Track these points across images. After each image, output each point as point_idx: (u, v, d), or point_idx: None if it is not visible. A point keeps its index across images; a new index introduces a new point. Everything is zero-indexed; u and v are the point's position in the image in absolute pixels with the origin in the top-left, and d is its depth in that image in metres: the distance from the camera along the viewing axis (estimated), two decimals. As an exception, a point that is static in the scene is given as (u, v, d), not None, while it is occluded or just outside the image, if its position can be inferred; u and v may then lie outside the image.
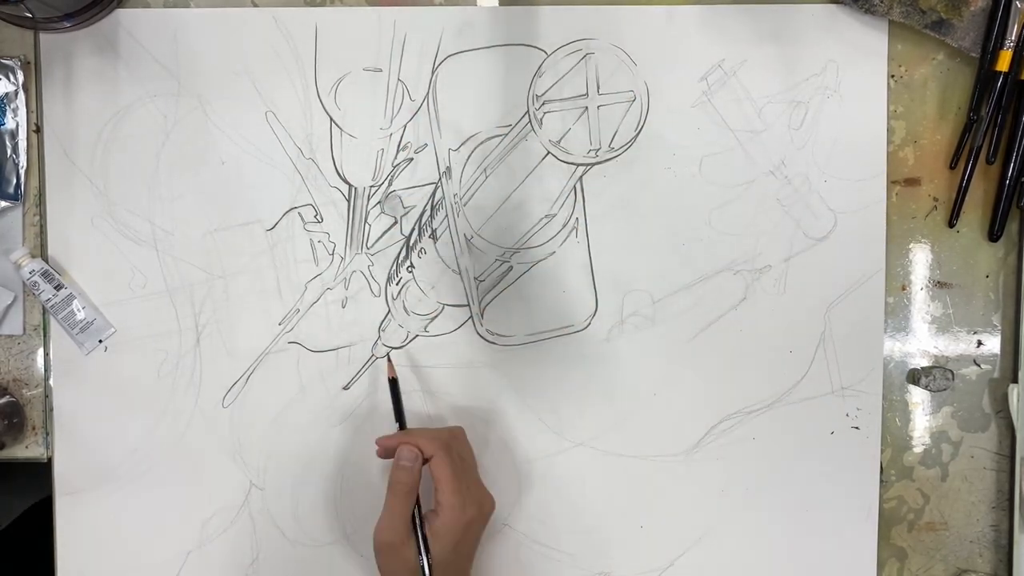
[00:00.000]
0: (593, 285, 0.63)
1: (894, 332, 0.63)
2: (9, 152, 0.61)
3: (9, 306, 0.62)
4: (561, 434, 0.63)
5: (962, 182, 0.62)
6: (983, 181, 0.62)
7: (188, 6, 0.62)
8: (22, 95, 0.61)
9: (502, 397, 0.63)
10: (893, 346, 0.63)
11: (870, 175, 0.62)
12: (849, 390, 0.63)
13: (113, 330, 0.62)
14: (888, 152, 0.62)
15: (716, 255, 0.62)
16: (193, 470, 0.63)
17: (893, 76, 0.62)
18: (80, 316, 0.61)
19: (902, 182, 0.63)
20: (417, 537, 0.54)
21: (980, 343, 0.63)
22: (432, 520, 0.54)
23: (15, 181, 0.61)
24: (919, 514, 0.64)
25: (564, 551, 0.63)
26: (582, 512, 0.63)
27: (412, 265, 0.63)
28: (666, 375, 0.63)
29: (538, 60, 0.62)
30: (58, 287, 0.61)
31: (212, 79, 0.62)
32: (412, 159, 0.62)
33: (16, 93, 0.61)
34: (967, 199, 0.62)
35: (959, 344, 0.63)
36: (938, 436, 0.64)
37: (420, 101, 0.62)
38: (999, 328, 0.63)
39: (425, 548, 0.54)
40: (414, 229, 0.63)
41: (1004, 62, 0.59)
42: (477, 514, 0.54)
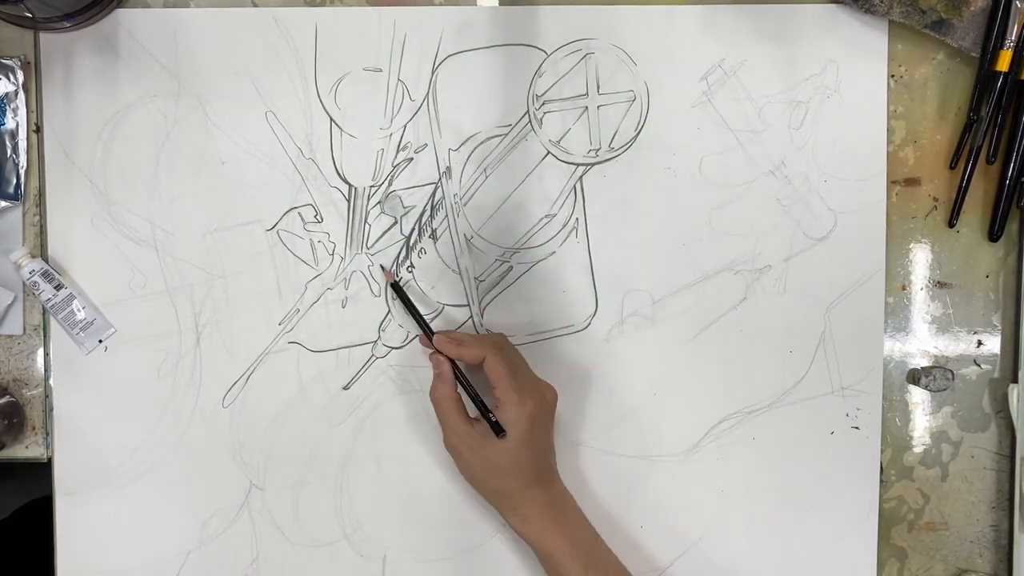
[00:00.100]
0: (593, 285, 0.63)
1: (894, 332, 0.63)
2: (9, 152, 0.61)
3: (9, 306, 0.62)
4: (561, 434, 0.63)
5: (962, 182, 0.62)
6: (983, 181, 0.62)
7: (188, 6, 0.62)
8: (22, 95, 0.61)
9: (502, 397, 0.63)
10: (893, 346, 0.63)
11: (870, 175, 0.62)
12: (849, 390, 0.62)
13: (113, 330, 0.62)
14: (888, 152, 0.62)
15: (716, 255, 0.62)
16: (193, 470, 0.63)
17: (893, 76, 0.62)
18: (80, 316, 0.61)
19: (902, 182, 0.63)
20: (480, 413, 0.56)
21: (980, 343, 0.63)
22: (499, 411, 0.55)
23: (15, 181, 0.61)
24: (919, 514, 0.64)
25: (564, 551, 0.63)
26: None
27: (412, 265, 0.63)
28: (666, 375, 0.63)
29: (538, 60, 0.62)
30: (58, 287, 0.61)
31: (212, 79, 0.62)
32: (412, 159, 0.62)
33: (16, 93, 0.61)
34: (967, 199, 0.62)
35: (959, 344, 0.63)
36: (938, 436, 0.64)
37: (420, 101, 0.62)
38: (999, 328, 0.63)
39: (486, 409, 0.56)
40: (414, 229, 0.63)
41: (1004, 62, 0.59)
42: (538, 404, 0.56)
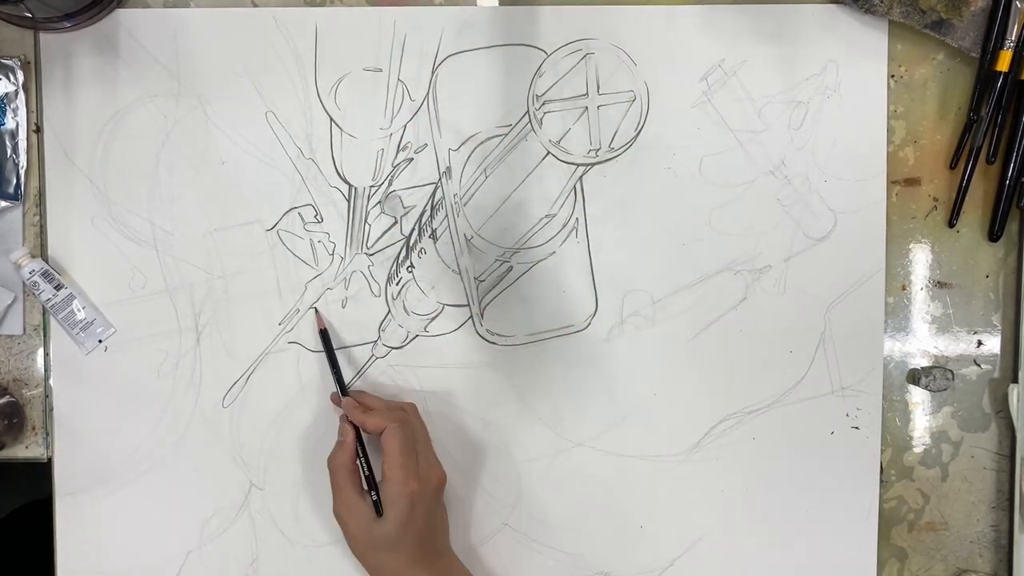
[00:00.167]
0: (593, 285, 0.63)
1: (894, 332, 0.63)
2: (9, 152, 0.61)
3: (9, 306, 0.62)
4: (561, 434, 0.63)
5: (962, 182, 0.62)
6: (983, 181, 0.62)
7: (188, 6, 0.62)
8: (22, 95, 0.61)
9: (502, 397, 0.63)
10: (893, 346, 0.63)
11: (870, 175, 0.62)
12: (849, 390, 0.62)
13: (113, 330, 0.62)
14: (888, 152, 0.62)
15: (716, 255, 0.62)
16: (193, 470, 0.63)
17: (893, 76, 0.62)
18: (80, 316, 0.61)
19: (902, 182, 0.63)
20: (363, 482, 0.57)
21: (980, 343, 0.63)
22: (380, 489, 0.56)
23: (15, 181, 0.61)
24: (919, 514, 0.64)
25: (564, 551, 0.63)
26: (582, 512, 0.63)
27: (412, 265, 0.63)
28: (666, 375, 0.63)
29: (538, 60, 0.62)
30: (58, 287, 0.61)
31: (212, 79, 0.62)
32: (412, 159, 0.62)
33: (16, 93, 0.61)
34: (967, 199, 0.62)
35: (959, 344, 0.63)
36: (938, 436, 0.64)
37: (420, 101, 0.62)
38: (999, 328, 0.63)
39: (373, 487, 0.57)
40: (414, 229, 0.63)
41: (1004, 62, 0.59)
42: (421, 488, 0.56)
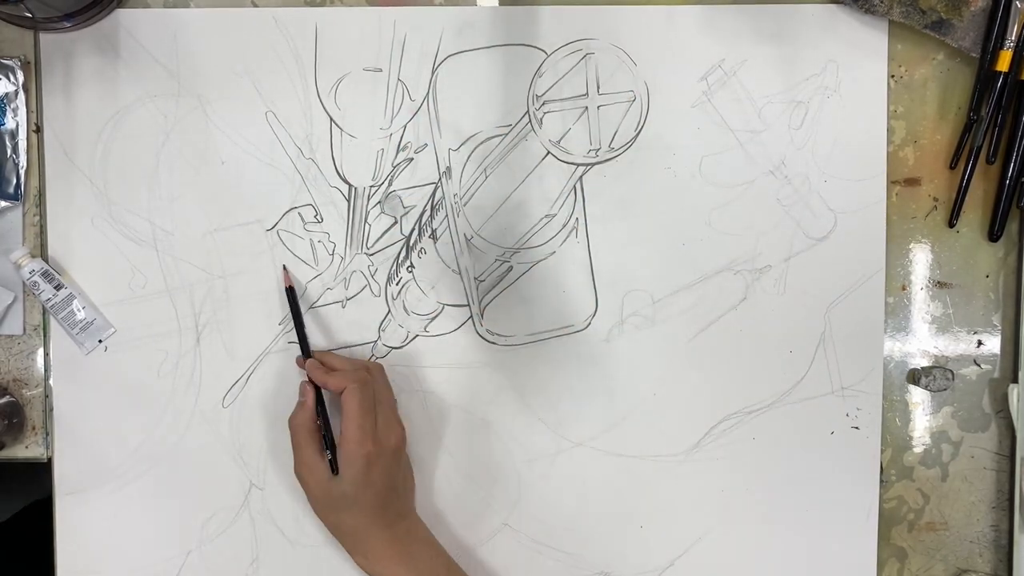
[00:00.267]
0: (593, 285, 0.63)
1: (894, 332, 0.63)
2: (9, 152, 0.61)
3: (9, 306, 0.62)
4: (561, 434, 0.63)
5: (962, 182, 0.62)
6: (983, 181, 0.62)
7: (188, 6, 0.62)
8: (22, 95, 0.61)
9: (502, 397, 0.63)
10: (893, 346, 0.63)
11: (870, 175, 0.62)
12: (849, 390, 0.62)
13: (113, 330, 0.62)
14: (888, 152, 0.62)
15: (716, 255, 0.62)
16: (193, 470, 0.62)
17: (893, 76, 0.62)
18: (80, 316, 0.61)
19: (902, 182, 0.63)
20: (327, 445, 0.57)
21: (980, 343, 0.63)
22: (339, 449, 0.56)
23: (15, 181, 0.61)
24: (919, 514, 0.64)
25: (564, 551, 0.63)
26: (582, 512, 0.63)
27: (412, 265, 0.63)
28: (666, 375, 0.63)
29: (538, 60, 0.62)
30: (58, 287, 0.61)
31: (212, 79, 0.62)
32: (412, 159, 0.62)
33: (16, 93, 0.61)
34: (967, 199, 0.62)
35: (959, 344, 0.63)
36: (938, 436, 0.64)
37: (420, 101, 0.62)
38: (999, 328, 0.63)
39: (331, 447, 0.57)
40: (414, 229, 0.63)
41: (1004, 62, 0.59)
42: (378, 448, 0.56)
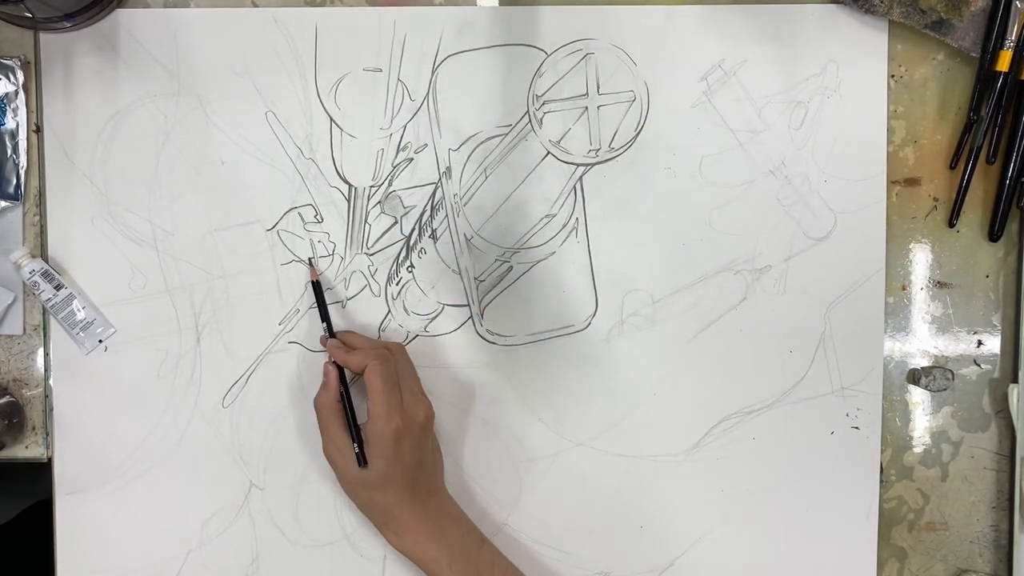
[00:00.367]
0: (593, 285, 0.63)
1: (894, 332, 0.63)
2: (9, 152, 0.61)
3: (9, 306, 0.62)
4: (561, 434, 0.63)
5: (962, 182, 0.62)
6: (983, 181, 0.62)
7: (188, 6, 0.62)
8: (22, 95, 0.61)
9: (502, 397, 0.63)
10: (893, 346, 0.63)
11: (870, 175, 0.62)
12: (849, 390, 0.62)
13: (113, 330, 0.62)
14: (888, 152, 0.62)
15: (716, 255, 0.62)
16: (193, 470, 0.62)
17: (893, 76, 0.62)
18: (80, 316, 0.61)
19: (902, 182, 0.63)
20: (351, 430, 0.57)
21: (980, 343, 0.63)
22: (365, 429, 0.56)
23: (15, 181, 0.61)
24: (919, 514, 0.64)
25: (564, 551, 0.63)
26: (582, 512, 0.63)
27: (412, 265, 0.63)
28: (666, 375, 0.63)
29: (538, 60, 0.62)
30: (58, 287, 0.61)
31: (212, 79, 0.62)
32: (412, 159, 0.62)
33: (16, 93, 0.61)
34: (967, 199, 0.62)
35: (959, 344, 0.63)
36: (938, 436, 0.64)
37: (420, 101, 0.62)
38: (999, 328, 0.63)
39: (357, 437, 0.56)
40: (414, 229, 0.63)
41: (1004, 62, 0.59)
42: (406, 423, 0.56)
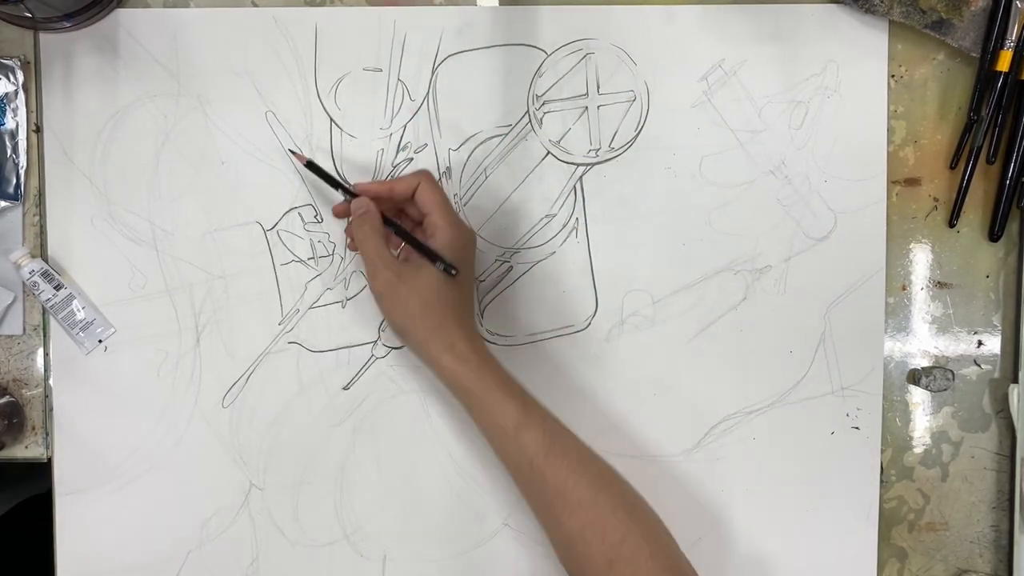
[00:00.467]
0: (593, 285, 0.63)
1: (894, 332, 0.63)
2: (9, 152, 0.61)
3: (9, 306, 0.62)
4: (561, 434, 0.63)
5: (962, 182, 0.62)
6: (983, 181, 0.62)
7: (188, 6, 0.62)
8: (22, 95, 0.61)
9: (502, 397, 0.63)
10: (893, 346, 0.63)
11: (870, 175, 0.62)
12: (849, 390, 0.62)
13: (113, 330, 0.62)
14: (888, 152, 0.62)
15: (716, 255, 0.62)
16: (193, 470, 0.62)
17: (893, 76, 0.62)
18: (80, 316, 0.61)
19: (902, 182, 0.63)
20: (420, 251, 0.54)
21: (980, 343, 0.63)
22: (434, 239, 0.54)
23: (15, 181, 0.61)
24: (919, 514, 0.64)
25: (564, 551, 0.63)
26: (582, 512, 0.63)
27: (412, 265, 0.63)
28: (666, 375, 0.63)
29: (538, 60, 0.62)
30: (58, 287, 0.61)
31: (212, 79, 0.62)
32: (412, 159, 0.62)
33: (16, 93, 0.61)
34: (967, 199, 0.62)
35: (959, 344, 0.63)
36: (938, 436, 0.64)
37: (420, 101, 0.62)
38: (999, 328, 0.63)
39: (433, 254, 0.53)
40: (414, 229, 0.63)
41: (1004, 62, 0.59)
42: (467, 236, 0.55)
